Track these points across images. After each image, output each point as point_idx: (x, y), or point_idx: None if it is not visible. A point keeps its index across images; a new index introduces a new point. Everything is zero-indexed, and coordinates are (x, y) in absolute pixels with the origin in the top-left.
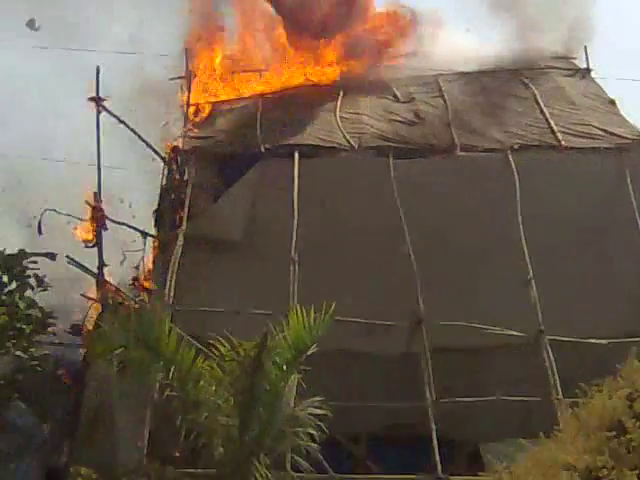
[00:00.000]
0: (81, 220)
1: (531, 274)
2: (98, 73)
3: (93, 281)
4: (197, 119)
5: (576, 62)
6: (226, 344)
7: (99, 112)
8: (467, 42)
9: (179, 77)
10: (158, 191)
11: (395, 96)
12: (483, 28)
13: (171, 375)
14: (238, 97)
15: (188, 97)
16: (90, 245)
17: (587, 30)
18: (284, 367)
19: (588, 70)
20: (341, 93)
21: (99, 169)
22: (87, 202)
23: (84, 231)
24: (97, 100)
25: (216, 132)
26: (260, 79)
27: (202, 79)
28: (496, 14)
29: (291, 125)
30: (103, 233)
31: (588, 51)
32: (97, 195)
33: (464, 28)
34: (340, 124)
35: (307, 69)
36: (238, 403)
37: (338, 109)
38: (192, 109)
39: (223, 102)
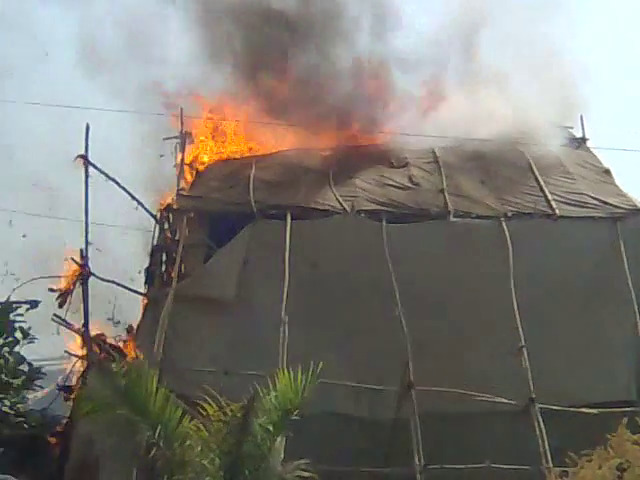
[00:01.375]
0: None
1: (523, 341)
2: (87, 131)
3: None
4: (190, 178)
5: (572, 131)
6: (213, 404)
7: (87, 169)
8: (464, 110)
9: (174, 137)
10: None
11: (389, 161)
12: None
13: (157, 434)
14: (232, 157)
15: (182, 157)
16: (60, 299)
17: (583, 100)
18: (271, 428)
19: (584, 139)
20: (336, 157)
21: (87, 225)
22: (73, 259)
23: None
24: (85, 158)
25: (208, 191)
26: (254, 141)
27: (198, 139)
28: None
29: (284, 187)
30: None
31: (584, 121)
32: (83, 252)
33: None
34: (333, 187)
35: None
36: (224, 464)
37: (331, 173)
38: (186, 168)
39: (217, 162)
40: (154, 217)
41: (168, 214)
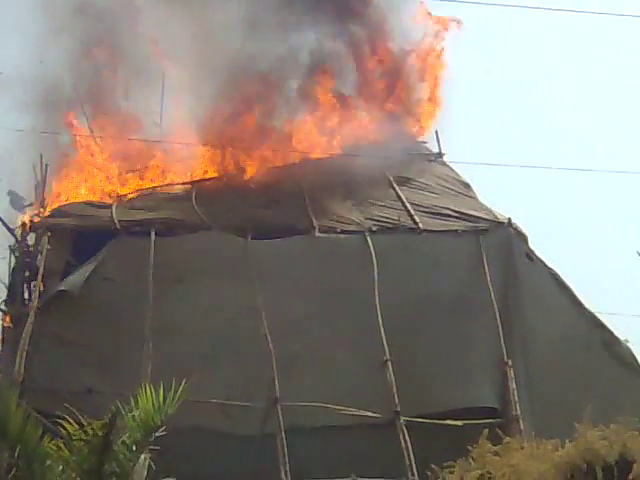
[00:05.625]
0: None
1: (387, 355)
2: None
3: None
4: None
5: (428, 146)
6: (74, 423)
7: None
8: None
9: None
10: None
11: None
12: None
13: (16, 454)
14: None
15: (44, 175)
16: None
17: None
18: (133, 447)
19: (440, 154)
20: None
21: None
22: None
23: None
24: None
25: (71, 209)
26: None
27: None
28: None
29: (146, 205)
30: None
31: (439, 135)
32: None
33: None
34: (196, 206)
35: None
36: None
37: (194, 195)
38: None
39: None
40: (13, 234)
41: (29, 231)
